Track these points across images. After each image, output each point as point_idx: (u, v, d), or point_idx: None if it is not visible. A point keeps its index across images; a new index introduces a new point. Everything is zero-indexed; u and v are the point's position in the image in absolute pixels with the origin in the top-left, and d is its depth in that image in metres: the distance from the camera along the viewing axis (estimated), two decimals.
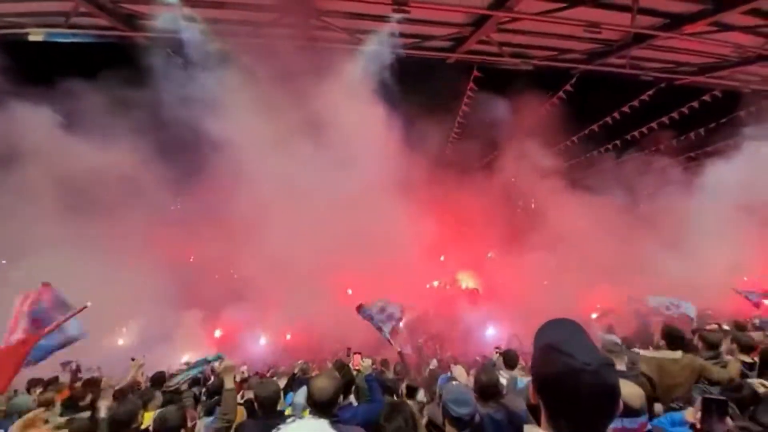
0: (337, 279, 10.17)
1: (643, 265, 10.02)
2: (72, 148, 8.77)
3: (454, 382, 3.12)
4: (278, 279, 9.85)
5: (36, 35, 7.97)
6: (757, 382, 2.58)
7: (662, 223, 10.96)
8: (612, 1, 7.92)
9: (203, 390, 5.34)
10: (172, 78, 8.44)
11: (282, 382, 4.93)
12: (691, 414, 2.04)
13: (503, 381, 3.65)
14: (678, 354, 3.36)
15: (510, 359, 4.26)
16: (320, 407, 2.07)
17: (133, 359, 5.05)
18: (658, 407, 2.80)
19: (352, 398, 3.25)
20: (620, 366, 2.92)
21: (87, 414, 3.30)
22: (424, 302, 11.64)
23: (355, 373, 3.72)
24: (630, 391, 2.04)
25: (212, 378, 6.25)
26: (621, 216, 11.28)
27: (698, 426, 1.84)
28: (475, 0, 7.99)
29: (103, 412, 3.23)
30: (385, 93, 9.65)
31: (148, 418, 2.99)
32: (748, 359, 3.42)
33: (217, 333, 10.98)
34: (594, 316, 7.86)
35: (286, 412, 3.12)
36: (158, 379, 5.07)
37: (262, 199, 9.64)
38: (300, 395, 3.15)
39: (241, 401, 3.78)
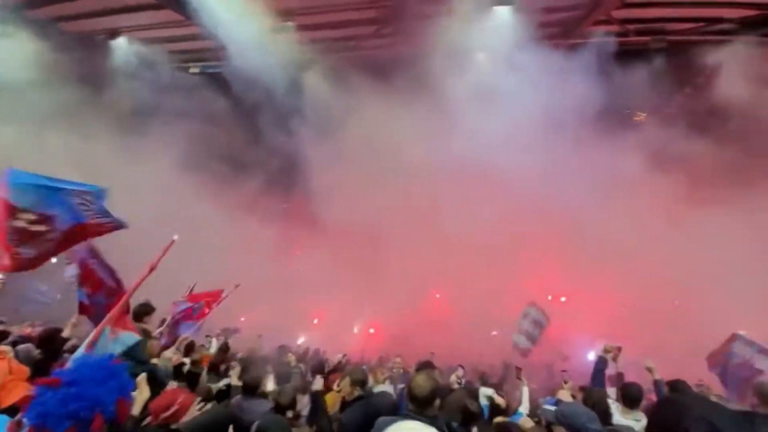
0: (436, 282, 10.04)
1: None
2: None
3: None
4: (376, 276, 10.43)
5: (194, 69, 10.11)
6: None
7: None
8: None
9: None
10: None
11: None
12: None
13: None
14: None
15: (632, 395, 3.13)
16: (418, 403, 2.09)
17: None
18: None
19: None
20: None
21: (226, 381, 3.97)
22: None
23: None
24: None
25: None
26: None
27: None
28: None
29: (234, 379, 3.95)
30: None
31: None
32: None
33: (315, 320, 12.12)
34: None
35: None
36: (280, 351, 6.08)
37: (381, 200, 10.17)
38: None
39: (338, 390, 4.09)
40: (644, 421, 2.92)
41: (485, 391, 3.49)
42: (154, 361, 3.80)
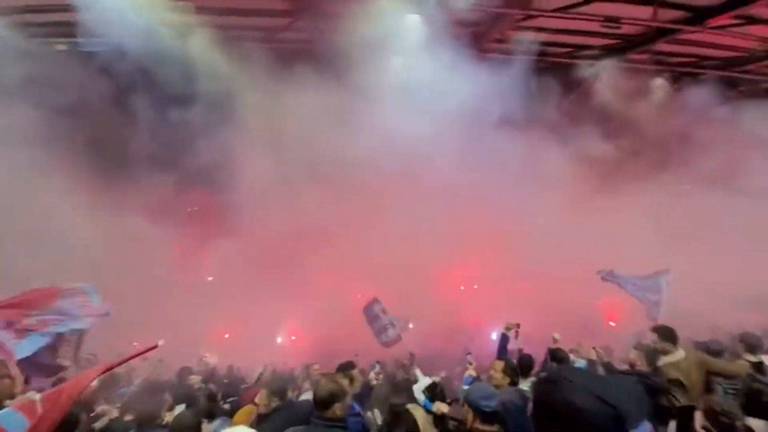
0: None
1: None
2: None
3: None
4: (294, 280, 10.00)
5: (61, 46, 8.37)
6: None
7: None
8: None
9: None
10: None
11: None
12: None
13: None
14: (681, 353, 3.34)
15: (525, 365, 3.92)
16: (318, 406, 2.10)
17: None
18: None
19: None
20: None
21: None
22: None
23: None
24: None
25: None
26: None
27: None
28: None
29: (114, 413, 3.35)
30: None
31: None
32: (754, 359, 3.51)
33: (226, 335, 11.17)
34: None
35: None
36: (181, 374, 5.32)
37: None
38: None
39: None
40: None
41: (425, 382, 3.60)
42: (9, 402, 3.05)
